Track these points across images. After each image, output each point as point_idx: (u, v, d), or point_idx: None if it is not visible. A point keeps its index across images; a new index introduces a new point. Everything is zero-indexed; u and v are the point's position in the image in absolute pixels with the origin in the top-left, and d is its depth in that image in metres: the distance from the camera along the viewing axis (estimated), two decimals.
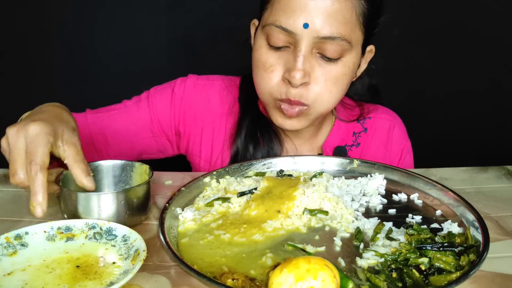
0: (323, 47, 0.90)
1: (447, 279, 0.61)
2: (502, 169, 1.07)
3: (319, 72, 0.93)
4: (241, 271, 0.63)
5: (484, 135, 1.94)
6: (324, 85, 0.94)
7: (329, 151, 1.13)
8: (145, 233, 0.75)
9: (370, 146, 1.15)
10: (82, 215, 0.73)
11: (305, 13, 0.87)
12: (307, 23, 0.87)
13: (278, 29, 0.90)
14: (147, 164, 0.83)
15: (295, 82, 0.90)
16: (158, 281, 0.62)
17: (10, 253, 0.65)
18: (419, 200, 0.87)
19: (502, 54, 1.87)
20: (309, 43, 0.89)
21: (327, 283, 0.54)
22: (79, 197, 0.73)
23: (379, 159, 1.09)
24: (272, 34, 0.92)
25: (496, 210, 0.86)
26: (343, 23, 0.89)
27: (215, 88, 1.15)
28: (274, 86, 0.95)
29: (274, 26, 0.90)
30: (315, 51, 0.92)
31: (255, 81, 1.00)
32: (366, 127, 1.16)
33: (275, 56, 0.94)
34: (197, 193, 0.87)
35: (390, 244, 0.69)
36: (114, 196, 0.73)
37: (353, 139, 1.15)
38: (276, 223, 0.75)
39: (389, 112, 1.20)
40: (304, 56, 0.90)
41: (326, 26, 0.88)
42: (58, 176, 0.77)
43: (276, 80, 0.95)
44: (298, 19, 0.88)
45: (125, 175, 0.85)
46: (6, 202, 0.87)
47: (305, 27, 0.88)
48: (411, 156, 1.20)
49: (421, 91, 1.88)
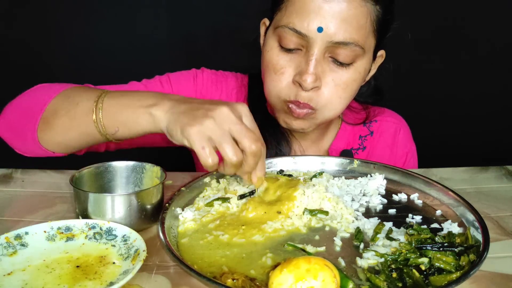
0: (336, 52, 0.89)
1: (447, 279, 0.61)
2: (502, 169, 1.07)
3: (330, 77, 0.92)
4: (241, 271, 0.63)
5: (484, 135, 1.95)
6: (334, 91, 0.93)
7: (336, 154, 1.13)
8: (145, 233, 0.75)
9: (376, 149, 1.16)
10: (94, 216, 0.73)
11: (319, 17, 0.86)
12: (321, 27, 0.86)
13: (291, 31, 0.89)
14: (158, 166, 0.82)
15: (306, 86, 0.89)
16: (158, 281, 0.62)
17: (10, 253, 0.65)
18: (419, 200, 0.87)
19: (504, 56, 1.88)
20: (322, 47, 0.88)
21: (327, 283, 0.54)
22: (92, 198, 0.72)
23: (384, 162, 1.10)
24: (284, 36, 0.90)
25: (496, 210, 0.86)
26: (357, 29, 0.88)
27: (229, 84, 1.14)
28: (283, 88, 0.94)
29: (288, 28, 0.89)
30: (328, 55, 0.90)
31: (264, 82, 0.99)
32: (372, 130, 1.16)
33: (286, 58, 0.93)
34: (197, 193, 0.87)
35: (390, 244, 0.69)
36: (128, 198, 0.73)
37: (359, 143, 1.16)
38: (276, 223, 0.75)
39: (395, 115, 1.21)
40: (316, 60, 0.89)
41: (341, 31, 0.87)
42: (72, 176, 0.77)
43: (286, 82, 0.93)
44: (312, 23, 0.87)
45: (135, 176, 0.84)
46: (6, 202, 0.87)
47: (319, 31, 0.86)
48: (416, 159, 1.20)
49: (421, 91, 1.89)
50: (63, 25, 1.74)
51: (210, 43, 1.79)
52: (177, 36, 1.79)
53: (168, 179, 0.97)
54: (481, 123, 1.94)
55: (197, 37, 1.79)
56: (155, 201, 0.77)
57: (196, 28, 1.78)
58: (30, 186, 0.94)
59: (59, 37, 1.76)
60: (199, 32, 1.78)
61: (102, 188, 0.82)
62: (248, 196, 0.82)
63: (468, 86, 1.89)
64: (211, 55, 1.77)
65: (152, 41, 1.80)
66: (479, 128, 1.93)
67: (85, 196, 0.73)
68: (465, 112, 1.92)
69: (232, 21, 1.73)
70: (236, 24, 1.66)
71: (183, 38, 1.79)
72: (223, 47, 1.74)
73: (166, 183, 0.95)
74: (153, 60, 1.80)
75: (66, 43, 1.77)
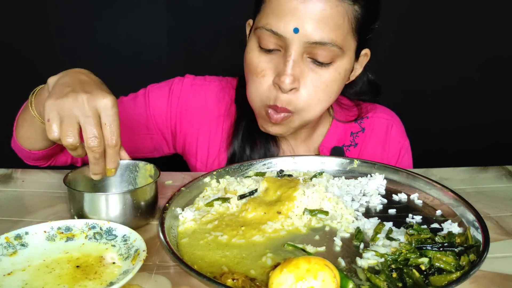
0: (314, 52, 0.89)
1: (447, 279, 0.61)
2: (502, 169, 1.07)
3: (309, 78, 0.91)
4: (241, 271, 0.63)
5: (484, 135, 1.95)
6: (313, 92, 0.92)
7: (326, 151, 1.12)
8: (145, 233, 0.75)
9: (368, 145, 1.15)
10: (90, 216, 0.73)
11: (295, 18, 0.86)
12: (297, 28, 0.86)
13: (269, 32, 0.89)
14: (151, 164, 0.83)
15: (285, 87, 0.89)
16: (158, 281, 0.62)
17: (10, 253, 0.65)
18: (419, 200, 0.87)
19: (503, 53, 1.87)
20: (300, 47, 0.88)
21: (327, 283, 0.54)
22: (87, 197, 0.73)
23: (376, 159, 1.09)
24: (263, 37, 0.91)
25: (496, 210, 0.86)
26: (334, 29, 0.88)
27: (212, 89, 1.15)
28: (264, 91, 0.94)
29: (265, 29, 0.89)
30: (306, 56, 0.90)
31: (247, 85, 0.99)
32: (364, 126, 1.16)
33: (266, 59, 0.93)
34: (197, 193, 0.87)
35: (390, 244, 0.69)
36: (122, 196, 0.73)
37: (350, 139, 1.15)
38: (277, 224, 0.75)
39: (387, 111, 1.20)
40: (294, 60, 0.89)
41: (317, 31, 0.87)
42: (66, 176, 0.77)
43: (266, 85, 0.93)
44: (288, 24, 0.87)
45: (128, 175, 0.84)
46: (6, 202, 0.87)
47: (295, 32, 0.86)
48: (410, 155, 1.19)
49: (421, 91, 1.88)
50: (62, 24, 1.74)
51: (209, 43, 1.79)
52: (176, 36, 1.79)
53: (168, 179, 0.97)
54: (481, 123, 1.94)
55: (196, 38, 1.79)
56: (150, 199, 0.77)
57: (195, 29, 1.78)
58: (30, 186, 0.94)
59: (57, 37, 1.75)
60: (198, 33, 1.78)
61: (96, 188, 0.83)
62: (248, 196, 0.82)
63: (469, 86, 1.89)
64: (210, 55, 1.77)
65: (151, 41, 1.79)
66: (479, 128, 1.93)
67: (80, 196, 0.73)
68: (465, 112, 1.92)
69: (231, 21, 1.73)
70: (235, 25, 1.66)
71: (182, 39, 1.79)
72: (222, 48, 1.74)
73: (166, 183, 0.95)
74: (152, 61, 1.80)
75: (64, 44, 1.77)
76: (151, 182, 0.78)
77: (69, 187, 0.75)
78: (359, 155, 1.14)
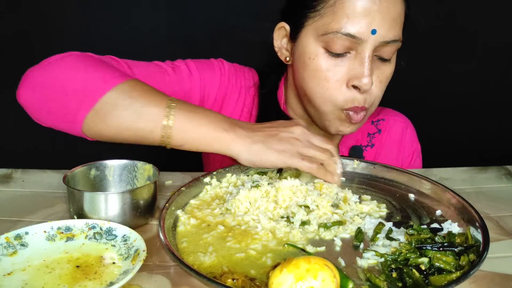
0: (382, 50, 0.91)
1: (447, 279, 0.61)
2: (502, 169, 1.07)
3: (376, 74, 0.93)
4: (241, 271, 0.63)
5: (484, 135, 1.95)
6: (379, 86, 0.95)
7: (345, 150, 1.13)
8: (145, 233, 0.75)
9: (384, 147, 1.17)
10: (89, 215, 0.73)
11: (371, 19, 0.87)
12: (375, 29, 0.87)
13: (345, 36, 0.88)
14: (150, 164, 0.83)
15: (366, 88, 0.90)
16: (158, 281, 0.62)
17: (10, 253, 0.65)
18: (419, 200, 0.87)
19: (502, 54, 1.87)
20: (373, 47, 0.89)
21: (327, 283, 0.54)
22: (86, 196, 0.73)
23: (392, 160, 1.12)
24: (335, 42, 0.90)
25: (496, 210, 0.86)
26: (400, 26, 0.91)
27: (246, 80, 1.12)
28: (339, 95, 0.93)
29: (340, 33, 0.88)
30: (374, 54, 0.91)
31: (313, 91, 0.96)
32: (380, 128, 1.17)
33: (335, 63, 0.92)
34: (197, 193, 0.87)
35: (390, 244, 0.69)
36: (121, 196, 0.73)
37: (367, 140, 1.16)
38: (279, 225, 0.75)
39: (400, 114, 1.22)
40: (369, 61, 0.90)
41: (391, 30, 0.89)
42: (65, 176, 0.77)
43: (340, 89, 0.93)
44: (366, 26, 0.87)
45: (126, 175, 0.85)
46: (6, 202, 0.87)
47: (373, 33, 0.87)
48: (420, 159, 1.21)
49: (420, 91, 1.88)
50: (62, 24, 1.74)
51: (209, 42, 1.79)
52: (176, 35, 1.79)
53: (168, 179, 0.97)
54: (481, 123, 1.94)
55: (196, 36, 1.79)
56: (149, 199, 0.77)
57: (195, 27, 1.78)
58: (30, 186, 0.94)
59: (58, 37, 1.75)
60: (198, 31, 1.78)
61: (95, 187, 0.83)
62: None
63: (469, 86, 1.89)
64: (210, 55, 1.77)
65: (151, 40, 1.79)
66: (479, 128, 1.93)
67: (80, 195, 0.73)
68: (465, 112, 1.92)
69: (231, 20, 1.73)
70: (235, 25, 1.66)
71: (182, 38, 1.79)
72: (222, 47, 1.74)
73: (166, 183, 0.95)
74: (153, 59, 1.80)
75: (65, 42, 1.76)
76: (150, 182, 0.78)
77: (69, 186, 0.75)
78: (375, 155, 1.15)
